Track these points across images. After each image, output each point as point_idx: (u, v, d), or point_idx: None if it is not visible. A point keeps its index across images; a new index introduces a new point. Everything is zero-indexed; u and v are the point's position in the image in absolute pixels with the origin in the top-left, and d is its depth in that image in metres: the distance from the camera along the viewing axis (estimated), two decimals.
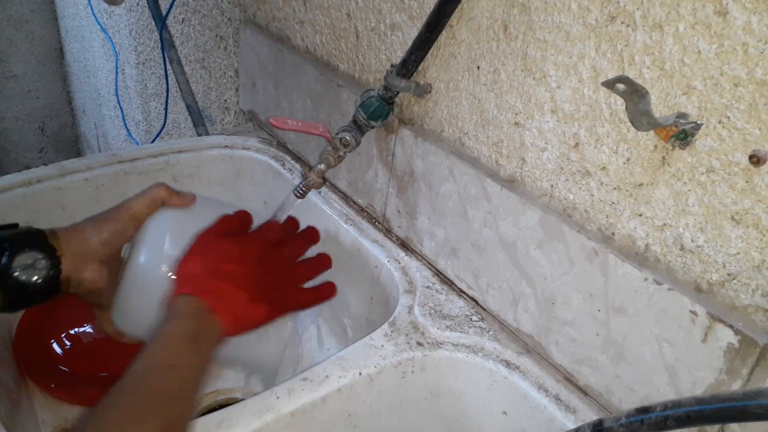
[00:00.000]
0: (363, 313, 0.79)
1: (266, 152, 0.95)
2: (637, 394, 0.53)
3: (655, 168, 0.49)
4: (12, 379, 0.65)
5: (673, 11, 0.44)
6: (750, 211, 0.44)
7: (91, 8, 1.90)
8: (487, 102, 0.62)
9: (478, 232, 0.65)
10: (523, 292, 0.61)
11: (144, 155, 0.85)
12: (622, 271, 0.51)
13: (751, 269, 0.45)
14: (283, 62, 0.91)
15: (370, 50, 0.76)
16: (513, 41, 0.57)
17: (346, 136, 0.68)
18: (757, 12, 0.40)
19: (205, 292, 0.52)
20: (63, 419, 0.67)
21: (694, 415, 0.34)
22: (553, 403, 0.56)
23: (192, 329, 0.49)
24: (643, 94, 0.43)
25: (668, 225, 0.49)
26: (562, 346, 0.59)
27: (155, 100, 1.64)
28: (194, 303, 0.51)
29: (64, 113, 2.65)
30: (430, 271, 0.72)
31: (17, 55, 2.40)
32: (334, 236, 0.81)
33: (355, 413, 0.59)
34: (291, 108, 0.92)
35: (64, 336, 0.73)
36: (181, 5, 1.30)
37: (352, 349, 0.59)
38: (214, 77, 1.25)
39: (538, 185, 0.59)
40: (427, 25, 0.61)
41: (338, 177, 0.86)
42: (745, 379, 0.45)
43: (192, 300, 0.51)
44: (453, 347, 0.61)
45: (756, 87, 0.41)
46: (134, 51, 1.68)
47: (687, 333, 0.48)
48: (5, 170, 1.22)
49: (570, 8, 0.51)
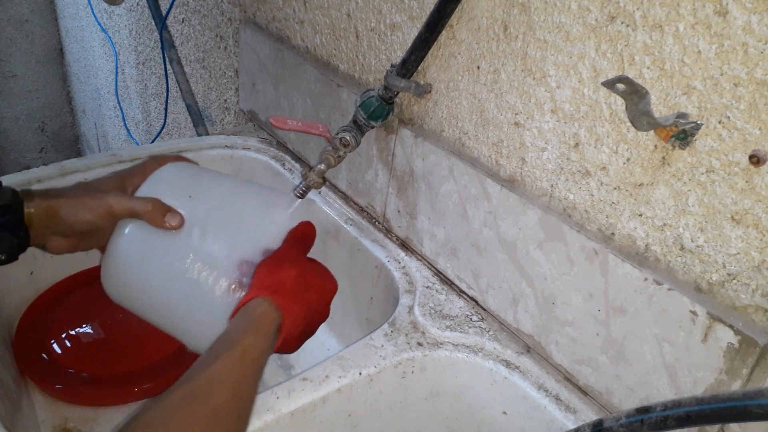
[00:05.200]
0: (363, 313, 0.79)
1: (266, 152, 0.95)
2: (637, 394, 0.53)
3: (655, 168, 0.49)
4: (12, 379, 0.65)
5: (673, 11, 0.44)
6: (750, 211, 0.44)
7: (91, 8, 1.90)
8: (487, 102, 0.62)
9: (478, 232, 0.65)
10: (523, 292, 0.61)
11: (144, 155, 0.85)
12: (622, 271, 0.51)
13: (751, 269, 0.45)
14: (283, 62, 0.91)
15: (370, 50, 0.76)
16: (513, 41, 0.57)
17: (346, 136, 0.68)
18: (757, 12, 0.40)
19: (288, 312, 0.51)
20: (63, 419, 0.67)
21: (694, 415, 0.34)
22: (553, 403, 0.56)
23: (266, 347, 0.48)
24: (643, 94, 0.43)
25: (668, 225, 0.49)
26: (562, 346, 0.59)
27: (155, 100, 1.64)
28: (276, 319, 0.50)
29: (64, 113, 2.65)
30: (430, 271, 0.72)
31: (17, 55, 2.40)
32: (334, 236, 0.81)
33: (355, 413, 0.59)
34: (291, 108, 0.92)
35: (64, 336, 0.73)
36: (181, 5, 1.30)
37: (352, 349, 0.59)
38: (214, 77, 1.25)
39: (538, 185, 0.59)
40: (427, 25, 0.61)
41: (338, 177, 0.86)
42: (745, 379, 0.45)
43: (275, 315, 0.50)
44: (453, 347, 0.61)
45: (756, 87, 0.41)
46: (134, 51, 1.68)
47: (687, 333, 0.48)
48: (5, 170, 1.22)
49: (570, 8, 0.51)
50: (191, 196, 0.58)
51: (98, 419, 0.67)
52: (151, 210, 0.54)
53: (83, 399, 0.68)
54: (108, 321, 0.77)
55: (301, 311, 0.52)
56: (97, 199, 0.54)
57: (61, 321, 0.75)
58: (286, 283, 0.53)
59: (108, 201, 0.54)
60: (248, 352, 0.46)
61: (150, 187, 0.57)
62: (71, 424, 0.66)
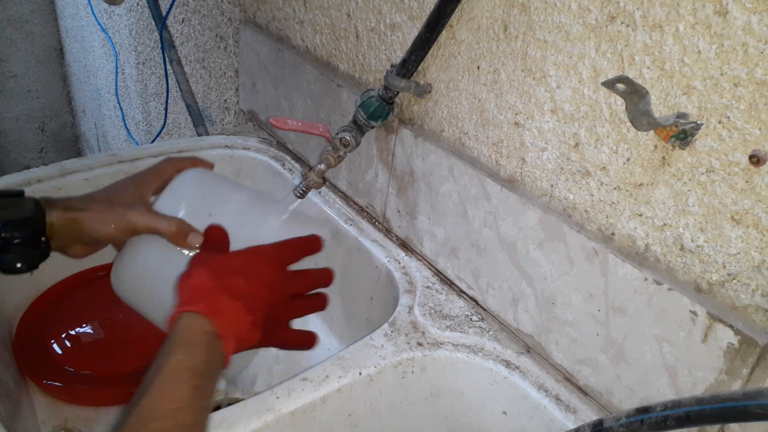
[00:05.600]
0: (363, 313, 0.79)
1: (266, 152, 0.95)
2: (637, 394, 0.53)
3: (655, 168, 0.49)
4: (12, 379, 0.65)
5: (673, 11, 0.44)
6: (750, 211, 0.44)
7: (91, 8, 1.90)
8: (487, 102, 0.62)
9: (478, 232, 0.65)
10: (523, 292, 0.61)
11: (144, 155, 0.85)
12: (622, 271, 0.51)
13: (751, 269, 0.45)
14: (283, 62, 0.91)
15: (370, 50, 0.76)
16: (513, 41, 0.57)
17: (346, 136, 0.68)
18: (757, 12, 0.40)
19: (214, 313, 0.48)
20: (63, 419, 0.67)
21: (694, 415, 0.34)
22: (553, 403, 0.56)
23: (200, 362, 0.45)
24: (643, 94, 0.43)
25: (668, 225, 0.49)
26: (562, 346, 0.59)
27: (155, 100, 1.64)
28: (203, 326, 0.47)
29: (64, 113, 2.65)
30: (430, 271, 0.72)
31: (17, 55, 2.40)
32: (334, 236, 0.81)
33: (355, 413, 0.59)
34: (291, 108, 0.92)
35: (64, 336, 0.73)
36: (181, 5, 1.30)
37: (352, 349, 0.59)
38: (214, 77, 1.25)
39: (538, 185, 0.59)
40: (427, 25, 0.61)
41: (338, 177, 0.86)
42: (745, 379, 0.45)
43: (201, 323, 0.47)
44: (453, 347, 0.61)
45: (756, 87, 0.41)
46: (134, 51, 1.68)
47: (687, 333, 0.48)
48: (5, 170, 1.22)
49: (570, 8, 0.51)
50: (211, 214, 0.59)
51: (98, 419, 0.67)
52: (175, 232, 0.56)
53: (83, 399, 0.68)
54: (108, 321, 0.77)
55: (234, 304, 0.49)
56: (119, 215, 0.56)
57: (61, 321, 0.75)
58: (201, 285, 0.50)
59: (130, 218, 0.55)
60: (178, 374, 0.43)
61: (170, 202, 0.59)
62: (71, 424, 0.66)
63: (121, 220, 0.55)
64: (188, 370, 0.44)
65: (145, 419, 0.41)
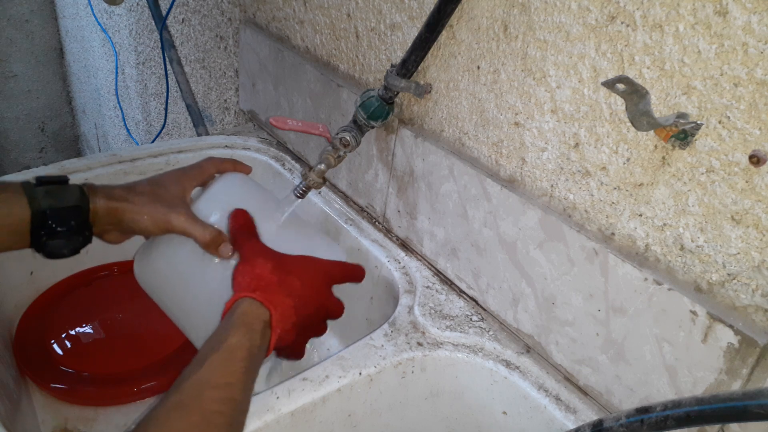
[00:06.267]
0: (363, 313, 0.79)
1: (266, 152, 0.95)
2: (637, 394, 0.53)
3: (655, 168, 0.49)
4: (12, 379, 0.65)
5: (673, 11, 0.44)
6: (750, 211, 0.44)
7: (91, 8, 1.90)
8: (487, 102, 0.62)
9: (478, 232, 0.65)
10: (523, 292, 0.61)
11: (144, 155, 0.85)
12: (622, 271, 0.51)
13: (751, 269, 0.45)
14: (283, 62, 0.91)
15: (370, 50, 0.76)
16: (513, 41, 0.57)
17: (346, 136, 0.68)
18: (757, 12, 0.40)
19: (273, 304, 0.51)
20: (63, 419, 0.67)
21: (694, 415, 0.34)
22: (553, 403, 0.56)
23: (255, 347, 0.48)
24: (643, 94, 0.43)
25: (668, 225, 0.49)
26: (562, 346, 0.59)
27: (155, 100, 1.64)
28: (261, 315, 0.50)
29: (64, 113, 2.65)
30: (430, 271, 0.72)
31: (17, 55, 2.40)
32: (334, 236, 0.81)
33: (355, 413, 0.59)
34: (291, 108, 0.92)
35: (64, 336, 0.73)
36: (181, 5, 1.30)
37: (352, 349, 0.59)
38: (214, 77, 1.25)
39: (538, 185, 0.59)
40: (427, 25, 0.61)
41: (338, 177, 0.86)
42: (745, 379, 0.45)
43: (260, 311, 0.50)
44: (453, 347, 0.61)
45: (756, 87, 0.41)
46: (134, 51, 1.68)
47: (687, 333, 0.48)
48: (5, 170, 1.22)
49: (570, 8, 0.51)
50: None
51: (98, 419, 0.67)
52: (208, 240, 0.57)
53: (83, 399, 0.68)
54: (108, 321, 0.77)
55: (287, 301, 0.52)
56: (161, 214, 0.57)
57: (61, 321, 0.75)
58: (264, 276, 0.53)
59: (170, 219, 0.57)
60: (235, 352, 0.46)
61: (209, 207, 0.61)
62: (71, 424, 0.66)
63: (161, 218, 0.57)
64: (245, 350, 0.47)
65: (202, 386, 0.44)
